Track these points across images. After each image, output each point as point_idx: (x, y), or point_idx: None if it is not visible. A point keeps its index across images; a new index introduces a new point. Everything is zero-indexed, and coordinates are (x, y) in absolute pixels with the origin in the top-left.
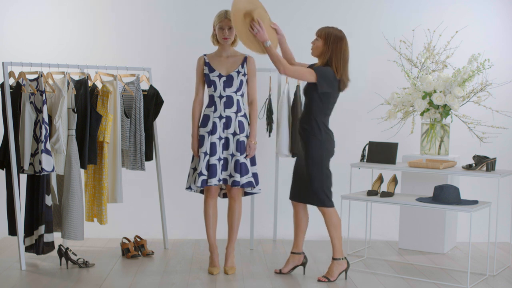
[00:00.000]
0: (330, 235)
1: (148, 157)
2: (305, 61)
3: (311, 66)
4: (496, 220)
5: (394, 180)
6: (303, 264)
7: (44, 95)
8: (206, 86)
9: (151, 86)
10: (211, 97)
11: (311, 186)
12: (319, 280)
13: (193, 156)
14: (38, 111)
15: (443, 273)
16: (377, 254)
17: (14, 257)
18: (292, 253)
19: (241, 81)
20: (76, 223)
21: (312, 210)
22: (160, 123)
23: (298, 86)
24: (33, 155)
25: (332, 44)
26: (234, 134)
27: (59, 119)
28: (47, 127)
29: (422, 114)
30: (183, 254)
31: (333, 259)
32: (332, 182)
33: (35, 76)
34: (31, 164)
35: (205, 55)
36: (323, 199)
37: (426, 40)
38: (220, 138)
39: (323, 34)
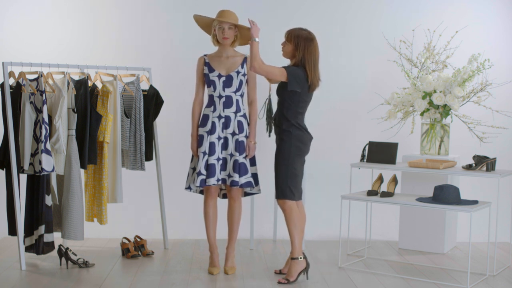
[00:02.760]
0: (289, 232)
1: (148, 157)
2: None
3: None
4: (496, 220)
5: (394, 180)
6: (305, 269)
7: (44, 95)
8: (206, 86)
9: (151, 86)
10: (211, 97)
11: (276, 179)
12: (279, 282)
13: (192, 156)
14: (38, 111)
15: (443, 273)
16: (377, 254)
17: (14, 257)
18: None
19: (241, 81)
20: (76, 223)
21: (312, 210)
22: (160, 123)
23: None
24: (33, 155)
25: (302, 47)
26: (233, 134)
27: (59, 119)
28: (47, 127)
29: (422, 114)
30: (183, 254)
31: (291, 258)
32: (298, 183)
33: (35, 76)
34: (31, 164)
35: (205, 55)
36: (284, 191)
37: (426, 40)
38: (219, 138)
39: (292, 38)
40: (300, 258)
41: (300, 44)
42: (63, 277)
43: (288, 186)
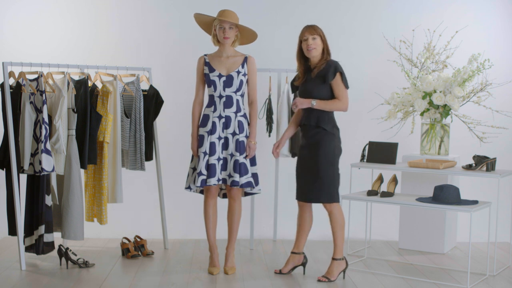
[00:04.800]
0: (335, 235)
1: (148, 157)
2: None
3: (308, 77)
4: (496, 220)
5: (394, 180)
6: (303, 264)
7: (44, 95)
8: (206, 86)
9: (151, 86)
10: (211, 97)
11: (322, 183)
12: (319, 280)
13: (192, 156)
14: (38, 111)
15: (443, 273)
16: (377, 254)
17: (14, 257)
18: (292, 253)
19: (241, 81)
20: (76, 223)
21: (312, 210)
22: (160, 123)
23: None
24: (33, 155)
25: (325, 39)
26: (234, 134)
27: (59, 119)
28: (47, 127)
29: (422, 114)
30: (183, 254)
31: (334, 259)
32: (340, 182)
33: (35, 76)
34: (31, 164)
35: (205, 55)
36: (333, 194)
37: (426, 40)
38: (219, 138)
39: (319, 32)
40: (342, 258)
41: (323, 35)
42: (63, 277)
43: (336, 189)
